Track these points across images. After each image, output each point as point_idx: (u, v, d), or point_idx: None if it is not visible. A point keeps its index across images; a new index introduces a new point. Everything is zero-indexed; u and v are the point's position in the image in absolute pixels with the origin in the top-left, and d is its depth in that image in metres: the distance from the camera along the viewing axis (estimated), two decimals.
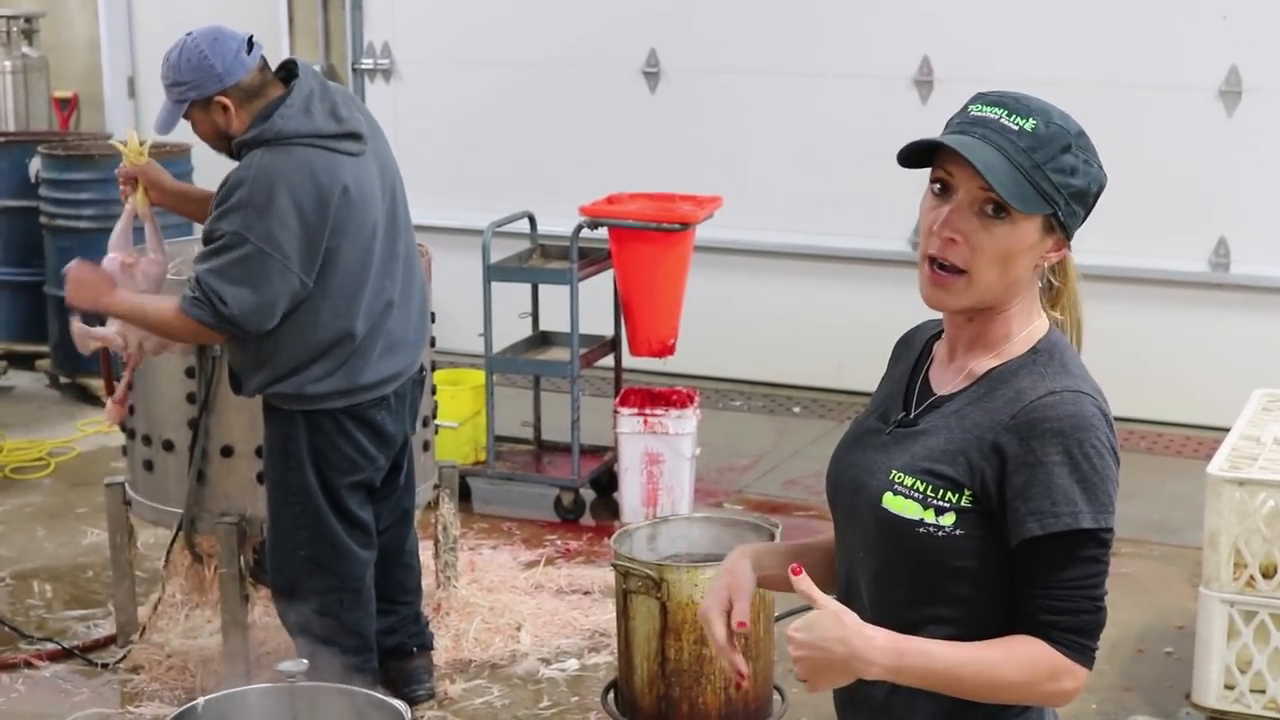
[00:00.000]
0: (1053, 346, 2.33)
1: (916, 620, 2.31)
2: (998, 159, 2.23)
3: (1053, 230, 2.29)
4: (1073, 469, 2.22)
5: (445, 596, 5.60)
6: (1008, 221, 2.25)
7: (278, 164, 4.33)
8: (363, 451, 4.59)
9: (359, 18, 9.18)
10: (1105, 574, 2.26)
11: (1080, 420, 2.24)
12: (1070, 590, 2.23)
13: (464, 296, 7.44)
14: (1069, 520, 2.21)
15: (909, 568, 2.32)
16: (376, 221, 4.50)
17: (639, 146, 8.43)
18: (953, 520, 2.27)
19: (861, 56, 8.01)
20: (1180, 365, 7.53)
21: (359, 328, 4.48)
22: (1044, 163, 2.24)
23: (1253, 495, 4.63)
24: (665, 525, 4.86)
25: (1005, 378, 2.30)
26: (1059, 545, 2.22)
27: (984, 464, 2.26)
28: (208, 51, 4.39)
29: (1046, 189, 2.24)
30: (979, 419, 2.29)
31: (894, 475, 2.32)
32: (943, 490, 2.28)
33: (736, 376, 8.37)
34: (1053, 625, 2.23)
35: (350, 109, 4.52)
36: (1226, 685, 4.70)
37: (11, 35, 9.61)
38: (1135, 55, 7.52)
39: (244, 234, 4.29)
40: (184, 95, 4.42)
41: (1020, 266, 2.28)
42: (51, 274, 8.20)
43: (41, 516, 6.67)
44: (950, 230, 2.26)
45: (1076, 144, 2.27)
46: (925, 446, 2.32)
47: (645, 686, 4.57)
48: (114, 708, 5.08)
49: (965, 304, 2.30)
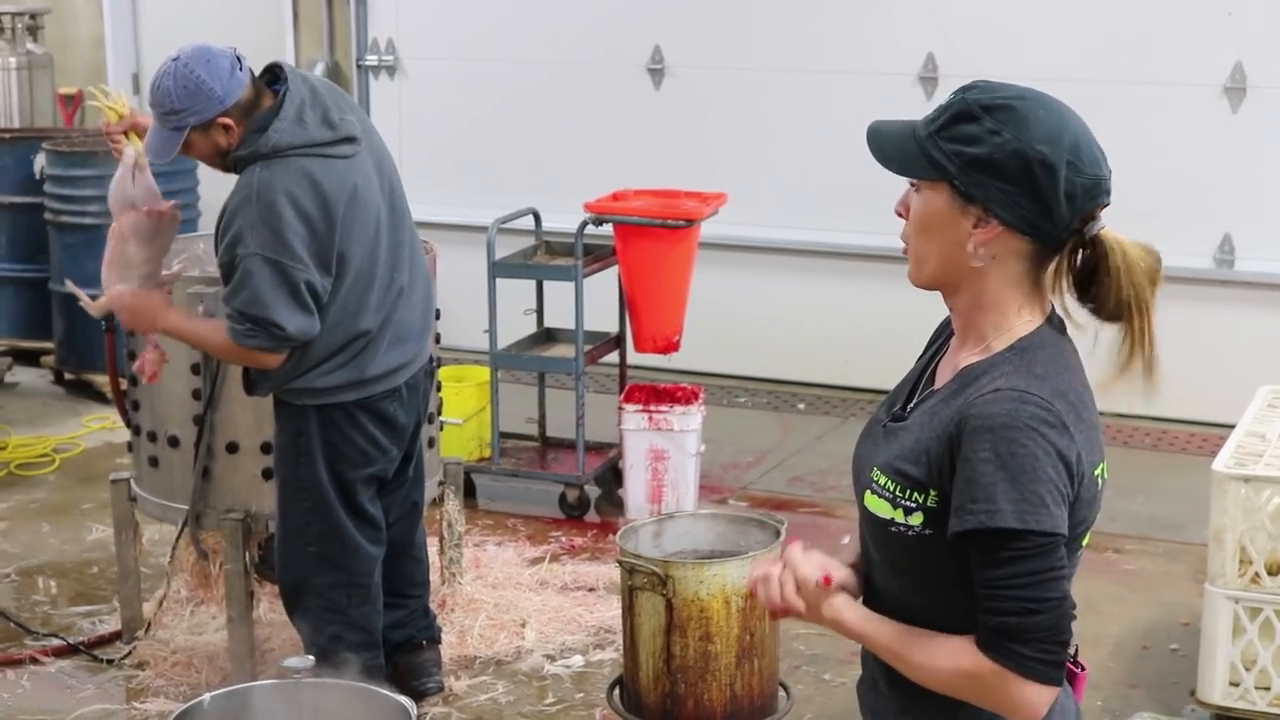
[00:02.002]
0: (1031, 346, 2.29)
1: (913, 612, 2.32)
2: (894, 130, 2.30)
3: (966, 206, 2.25)
4: (998, 466, 2.17)
5: (450, 593, 5.60)
6: (921, 192, 2.30)
7: (276, 178, 4.31)
8: (375, 443, 4.59)
9: (364, 14, 9.17)
10: (1045, 577, 2.18)
11: (1012, 419, 2.18)
12: (995, 590, 2.19)
13: (469, 293, 7.44)
14: (984, 518, 2.17)
15: (889, 563, 2.34)
16: (379, 217, 4.51)
17: (644, 143, 8.43)
18: (921, 520, 2.26)
19: (866, 53, 8.00)
20: (1185, 362, 7.47)
21: (371, 323, 4.49)
22: (936, 131, 2.27)
23: (1258, 492, 4.63)
24: (670, 522, 4.85)
25: (976, 375, 2.29)
26: (980, 543, 2.19)
27: (943, 461, 2.24)
28: (203, 75, 4.32)
29: (935, 156, 2.26)
30: (948, 415, 2.27)
31: (874, 473, 2.34)
32: (909, 490, 2.27)
33: (741, 373, 8.37)
34: (981, 625, 2.21)
35: (342, 111, 4.48)
36: (1231, 682, 4.70)
37: (16, 32, 9.60)
38: (1140, 52, 7.51)
39: (262, 253, 4.28)
40: (183, 122, 4.35)
41: (944, 239, 2.28)
42: (56, 270, 8.21)
43: (46, 513, 6.68)
44: (898, 204, 2.35)
45: (987, 114, 2.24)
46: (901, 444, 2.32)
47: (650, 683, 4.56)
48: (119, 704, 5.09)
49: (917, 279, 2.35)
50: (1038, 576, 2.17)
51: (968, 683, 2.24)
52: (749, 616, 4.51)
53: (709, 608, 4.46)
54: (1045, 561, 2.18)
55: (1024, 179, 2.23)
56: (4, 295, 8.60)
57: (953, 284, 2.32)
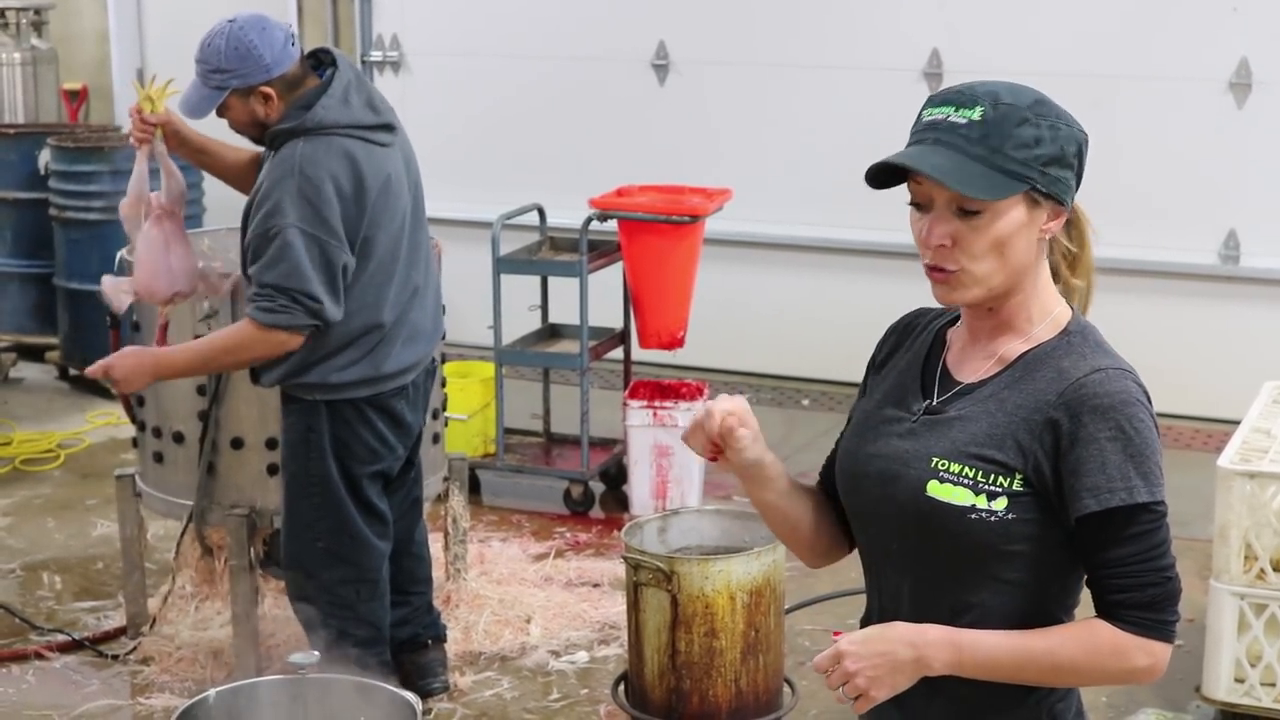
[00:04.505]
0: (1084, 328, 2.36)
1: (958, 608, 2.32)
2: (950, 158, 2.24)
3: (1040, 203, 2.29)
4: (1124, 445, 2.24)
5: (455, 589, 5.61)
6: (986, 213, 2.26)
7: (319, 153, 4.33)
8: (384, 441, 4.59)
9: (368, 9, 9.18)
10: (1168, 545, 2.27)
11: (1127, 396, 2.26)
12: (1133, 566, 2.25)
13: (473, 289, 7.44)
14: (1124, 495, 2.23)
15: (955, 555, 2.31)
16: (405, 212, 4.52)
17: (648, 139, 8.43)
18: (1005, 505, 2.27)
19: (871, 49, 8.00)
20: (1190, 358, 7.52)
21: (388, 317, 4.49)
22: (1001, 145, 2.24)
23: (1263, 488, 4.63)
24: (675, 518, 4.86)
25: (1041, 359, 2.32)
26: (1116, 521, 2.24)
27: (1035, 445, 2.27)
28: (256, 41, 4.37)
29: (1014, 169, 2.25)
30: (1022, 401, 2.30)
31: (937, 463, 2.31)
32: (994, 475, 2.28)
33: (746, 369, 8.37)
34: (1119, 604, 2.26)
35: (383, 101, 4.56)
36: (1237, 678, 4.69)
37: (21, 27, 9.60)
38: (1145, 47, 7.50)
39: (302, 226, 4.28)
40: (225, 83, 4.39)
41: (1019, 248, 2.29)
42: (61, 266, 8.21)
43: (51, 508, 6.68)
44: (937, 239, 2.28)
45: (1033, 113, 2.27)
46: (967, 432, 2.32)
47: (655, 679, 4.56)
48: (124, 699, 5.09)
49: (976, 296, 2.31)
50: (1165, 545, 2.27)
51: (1111, 661, 2.27)
52: (754, 612, 4.51)
53: (714, 604, 4.46)
54: (1167, 530, 2.28)
55: (1078, 161, 2.32)
56: (9, 291, 8.59)
57: (1016, 287, 2.33)
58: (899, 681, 2.27)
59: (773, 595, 4.56)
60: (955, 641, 2.27)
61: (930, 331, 2.49)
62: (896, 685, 2.27)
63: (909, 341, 2.51)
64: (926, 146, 2.27)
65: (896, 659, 2.26)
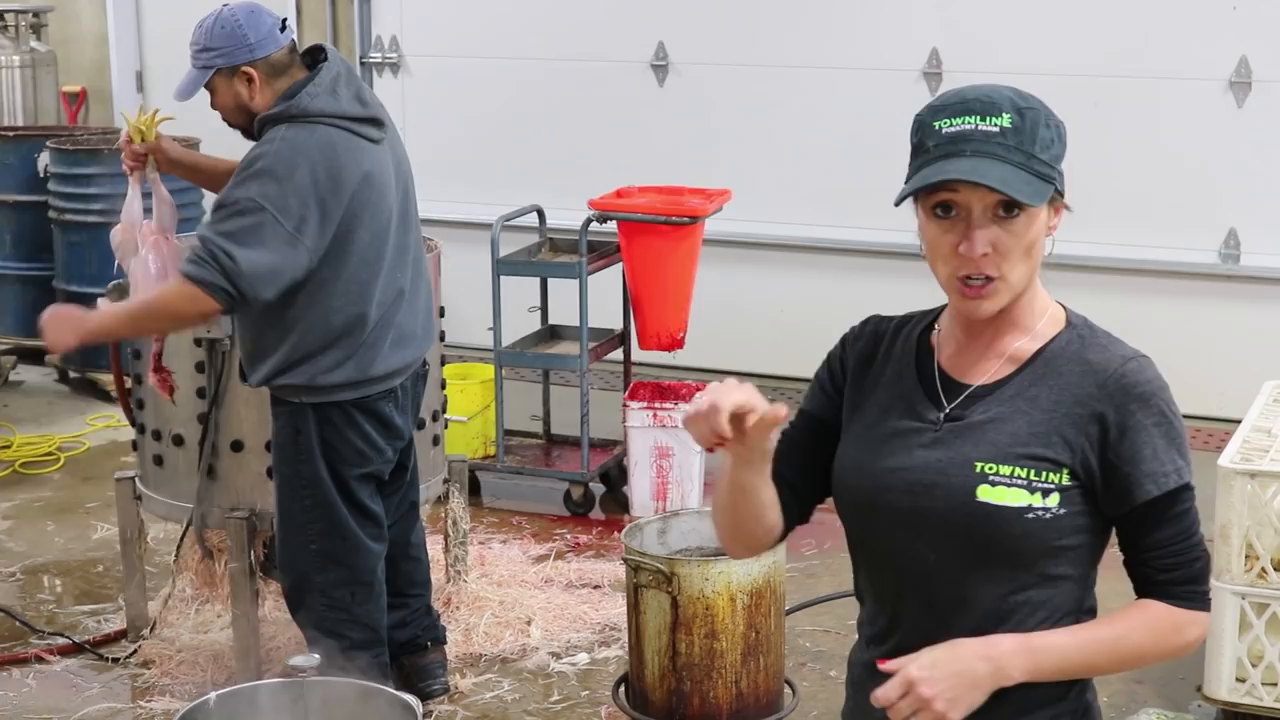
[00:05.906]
0: (1082, 319, 2.41)
1: (1006, 610, 2.32)
2: (1002, 169, 2.25)
3: (1054, 201, 2.33)
4: (1167, 429, 2.32)
5: (455, 591, 5.60)
6: (1022, 216, 2.27)
7: (301, 139, 4.33)
8: (372, 444, 4.58)
9: (367, 11, 9.18)
10: (1199, 519, 2.35)
11: (1161, 382, 2.34)
12: (1180, 544, 2.32)
13: (473, 290, 7.44)
14: (1176, 478, 2.30)
15: (1006, 557, 2.30)
16: (392, 211, 4.51)
17: (648, 140, 8.43)
18: (1057, 500, 2.29)
19: (870, 49, 8.00)
20: (1190, 357, 7.50)
21: (372, 314, 4.47)
22: (1033, 149, 2.27)
23: (1264, 487, 4.62)
24: (676, 519, 4.85)
25: (1060, 355, 2.35)
26: (1168, 503, 2.30)
27: (1081, 438, 2.30)
28: (243, 21, 4.40)
29: (1043, 170, 2.28)
30: (1058, 396, 2.32)
31: (983, 467, 2.30)
32: (1045, 472, 2.29)
33: (745, 370, 8.35)
34: (1170, 582, 2.32)
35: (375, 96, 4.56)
36: (1238, 678, 4.69)
37: (20, 30, 9.60)
38: (1145, 46, 7.50)
39: (259, 201, 4.27)
40: (211, 62, 4.42)
41: (1039, 249, 2.33)
42: (61, 268, 8.21)
43: (51, 511, 6.68)
44: (982, 247, 2.27)
45: (1044, 114, 2.31)
46: (1006, 433, 2.31)
47: (656, 681, 4.56)
48: (125, 702, 5.09)
49: (1005, 303, 2.32)
50: (1198, 521, 2.35)
51: (1173, 638, 2.32)
52: (754, 614, 4.51)
53: (714, 605, 4.46)
54: (1196, 505, 2.35)
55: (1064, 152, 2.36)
56: (8, 293, 8.60)
57: (1031, 285, 2.36)
58: (976, 699, 2.25)
59: (773, 596, 4.56)
60: (1030, 647, 2.27)
61: (908, 339, 2.47)
62: (974, 703, 2.26)
63: (881, 351, 2.48)
64: (968, 159, 2.25)
65: (974, 675, 2.24)
